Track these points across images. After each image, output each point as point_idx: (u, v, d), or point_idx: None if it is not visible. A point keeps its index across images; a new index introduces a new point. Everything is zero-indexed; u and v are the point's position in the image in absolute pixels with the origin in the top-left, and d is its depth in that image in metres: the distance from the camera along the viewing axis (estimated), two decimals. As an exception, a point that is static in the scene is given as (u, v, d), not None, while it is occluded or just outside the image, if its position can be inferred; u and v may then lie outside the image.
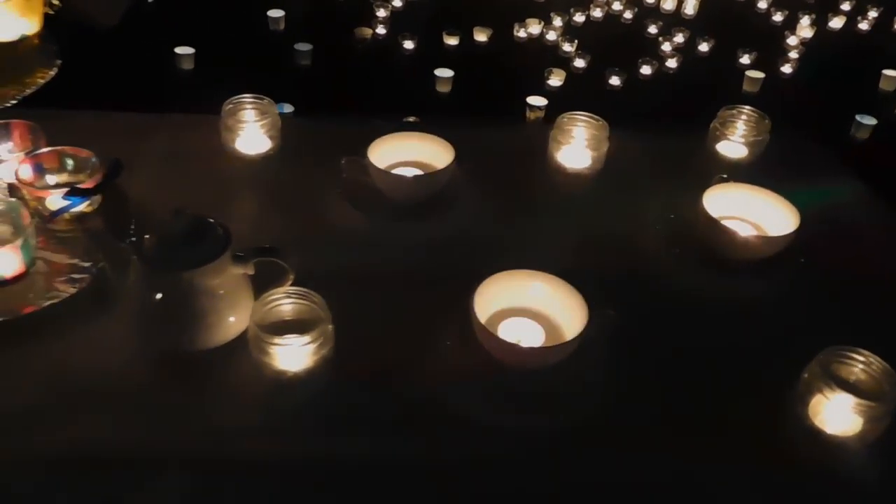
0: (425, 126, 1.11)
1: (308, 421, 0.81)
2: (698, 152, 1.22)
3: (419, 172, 1.08)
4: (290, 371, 0.82)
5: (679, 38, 3.15)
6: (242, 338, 0.85)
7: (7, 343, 0.85)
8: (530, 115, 2.82)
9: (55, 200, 0.94)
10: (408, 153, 1.10)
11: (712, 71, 3.03)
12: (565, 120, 1.15)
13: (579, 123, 1.14)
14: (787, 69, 2.99)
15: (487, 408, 0.82)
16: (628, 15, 3.35)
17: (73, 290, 0.89)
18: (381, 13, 3.26)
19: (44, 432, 0.78)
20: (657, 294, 0.97)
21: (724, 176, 1.08)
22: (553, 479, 0.79)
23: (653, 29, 3.25)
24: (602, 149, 1.13)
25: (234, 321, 0.84)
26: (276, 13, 3.15)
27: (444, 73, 2.94)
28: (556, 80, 2.95)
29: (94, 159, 0.96)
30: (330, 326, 0.81)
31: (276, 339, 0.80)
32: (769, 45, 3.10)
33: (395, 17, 3.28)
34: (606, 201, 1.12)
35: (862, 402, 0.77)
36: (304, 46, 2.96)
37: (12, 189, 0.94)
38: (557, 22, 3.25)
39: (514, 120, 2.80)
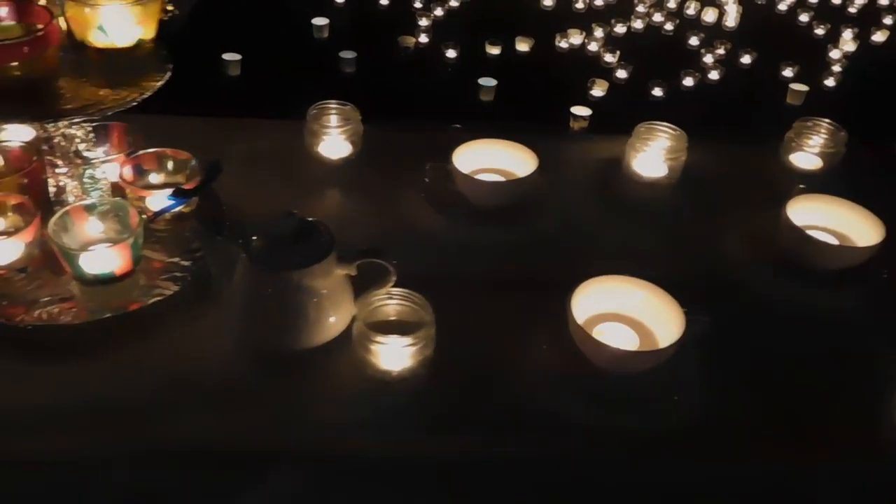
0: (509, 133, 1.13)
1: (410, 420, 0.82)
2: (772, 163, 1.23)
3: (499, 178, 1.10)
4: (393, 370, 0.84)
5: (721, 51, 3.15)
6: (342, 338, 0.87)
7: (115, 339, 0.87)
8: (574, 124, 2.83)
9: (155, 200, 0.96)
10: (487, 160, 1.12)
11: (755, 83, 3.03)
12: (643, 129, 1.17)
13: (658, 133, 1.16)
14: (830, 82, 2.98)
15: (582, 409, 0.84)
16: (669, 27, 3.36)
17: (175, 288, 0.92)
18: (423, 22, 3.29)
19: (157, 426, 0.80)
20: (742, 302, 0.98)
21: (803, 186, 1.09)
22: (647, 480, 0.80)
23: (694, 41, 3.25)
24: (680, 158, 1.14)
25: (334, 321, 0.86)
26: (320, 21, 3.19)
27: (488, 82, 2.96)
28: (598, 90, 2.96)
29: (193, 161, 0.98)
30: (433, 329, 0.83)
31: (381, 338, 0.82)
32: (812, 58, 3.10)
33: (436, 27, 3.31)
34: (685, 210, 1.13)
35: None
36: (348, 54, 2.99)
37: (115, 188, 0.97)
38: (599, 33, 3.26)
39: (559, 129, 2.82)
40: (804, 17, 3.40)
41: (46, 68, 0.77)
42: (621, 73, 3.06)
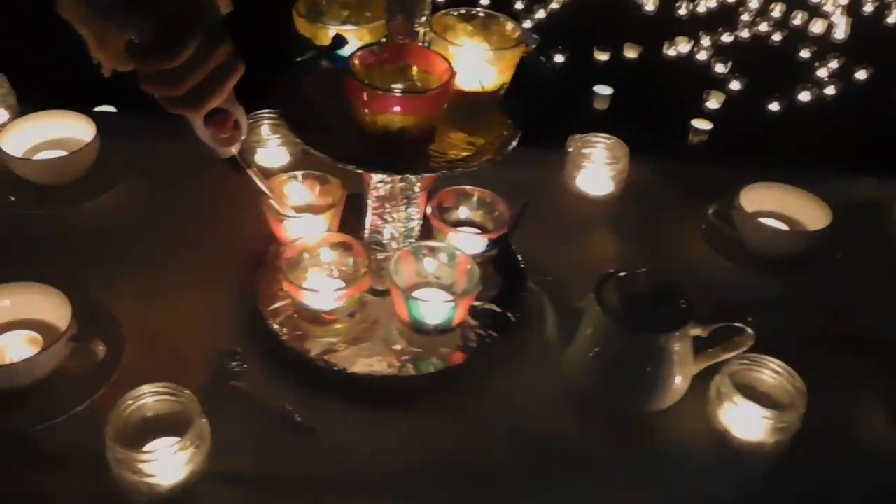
0: (793, 178, 1.08)
1: (770, 494, 0.79)
2: None
3: (782, 226, 1.06)
4: (748, 439, 0.80)
5: (834, 64, 3.10)
6: (684, 401, 0.83)
7: (444, 391, 0.85)
8: (693, 138, 2.79)
9: (460, 239, 0.93)
10: (768, 203, 1.07)
11: (873, 99, 2.98)
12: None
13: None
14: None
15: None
16: (777, 37, 3.30)
17: (496, 337, 0.89)
18: (527, 24, 3.25)
19: (510, 489, 0.77)
20: None
21: None
22: None
23: (805, 53, 3.20)
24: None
25: (679, 384, 0.83)
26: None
27: (604, 90, 2.91)
28: (714, 102, 2.92)
29: (500, 206, 0.95)
30: (803, 408, 0.79)
31: (743, 402, 0.78)
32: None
33: (539, 30, 3.27)
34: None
35: None
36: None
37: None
38: (706, 41, 3.21)
39: (678, 143, 2.77)
40: (916, 32, 3.33)
41: (434, 117, 0.74)
42: (735, 85, 3.01)
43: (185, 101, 0.66)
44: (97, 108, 1.52)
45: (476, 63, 0.78)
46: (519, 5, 3.38)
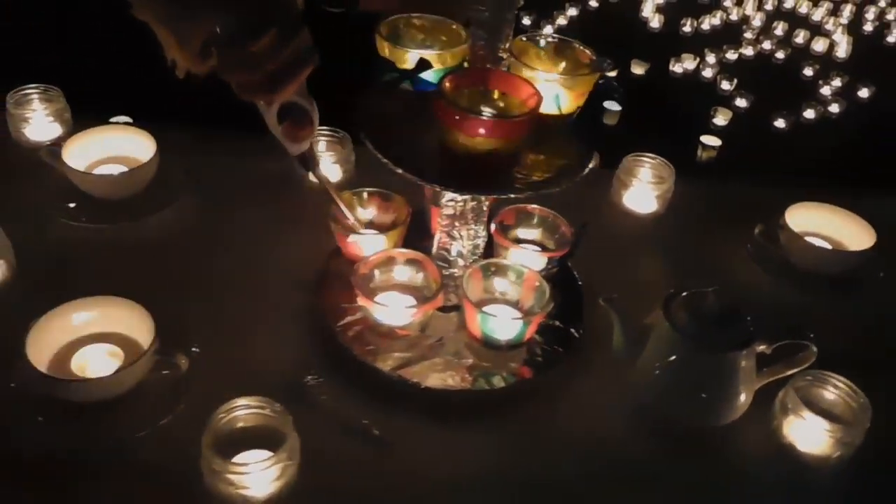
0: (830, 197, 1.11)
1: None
2: None
3: (823, 244, 1.09)
4: (811, 453, 0.83)
5: (837, 82, 3.15)
6: (746, 416, 0.85)
7: (511, 405, 0.86)
8: (702, 154, 2.83)
9: (520, 255, 0.95)
10: (812, 223, 1.10)
11: (876, 118, 3.03)
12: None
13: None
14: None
15: None
16: (780, 55, 3.36)
17: (561, 352, 0.91)
18: (536, 39, 3.27)
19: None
20: None
21: None
22: None
23: (808, 71, 3.25)
24: None
25: (743, 400, 0.85)
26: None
27: (612, 106, 2.94)
28: (721, 119, 2.96)
29: (563, 227, 0.97)
30: (867, 423, 0.82)
31: (809, 415, 0.81)
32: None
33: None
34: None
35: None
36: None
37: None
38: (711, 59, 3.26)
39: (687, 159, 2.81)
40: (915, 52, 3.40)
41: (520, 140, 0.76)
42: (741, 102, 3.06)
43: (261, 86, 0.69)
44: (113, 119, 1.52)
45: (552, 87, 0.80)
46: (526, 21, 3.41)
